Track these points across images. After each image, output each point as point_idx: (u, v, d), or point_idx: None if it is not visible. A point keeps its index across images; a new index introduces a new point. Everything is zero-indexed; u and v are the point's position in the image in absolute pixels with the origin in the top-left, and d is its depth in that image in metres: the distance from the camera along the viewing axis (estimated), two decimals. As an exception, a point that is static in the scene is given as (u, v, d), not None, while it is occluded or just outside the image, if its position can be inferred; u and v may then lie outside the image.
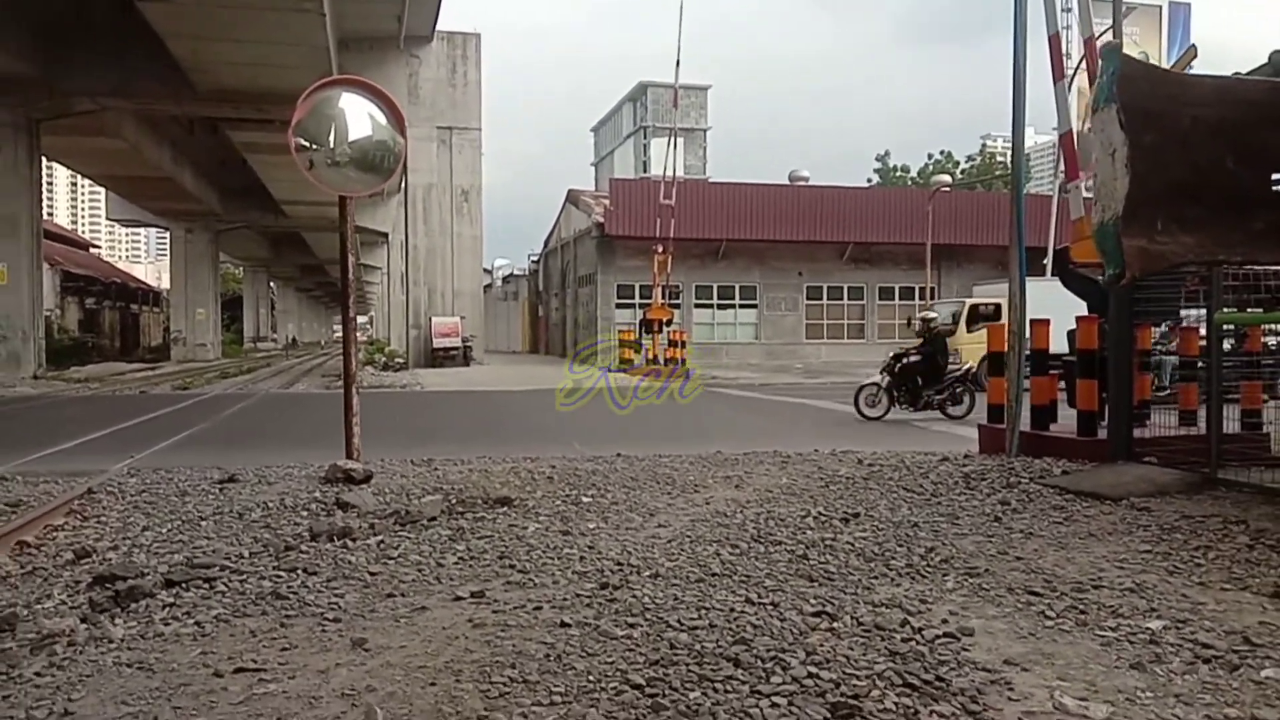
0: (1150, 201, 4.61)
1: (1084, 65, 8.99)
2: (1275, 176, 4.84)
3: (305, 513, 6.43)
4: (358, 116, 7.86)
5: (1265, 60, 7.17)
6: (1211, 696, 3.16)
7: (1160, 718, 3.04)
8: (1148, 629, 3.81)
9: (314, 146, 7.78)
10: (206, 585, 4.57)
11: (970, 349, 22.92)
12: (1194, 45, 15.18)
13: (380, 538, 5.60)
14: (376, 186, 8.61)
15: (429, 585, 4.63)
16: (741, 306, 38.95)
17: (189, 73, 26.35)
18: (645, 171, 63.58)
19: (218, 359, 48.27)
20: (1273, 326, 10.54)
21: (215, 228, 51.36)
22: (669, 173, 30.26)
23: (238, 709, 3.14)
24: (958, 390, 14.91)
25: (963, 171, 70.41)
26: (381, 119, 7.96)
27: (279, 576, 4.74)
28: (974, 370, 15.38)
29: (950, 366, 15.36)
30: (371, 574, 4.80)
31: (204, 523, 6.15)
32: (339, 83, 8.36)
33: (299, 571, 4.82)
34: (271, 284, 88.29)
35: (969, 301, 24.36)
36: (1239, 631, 3.77)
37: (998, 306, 23.24)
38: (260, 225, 54.11)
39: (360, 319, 10.87)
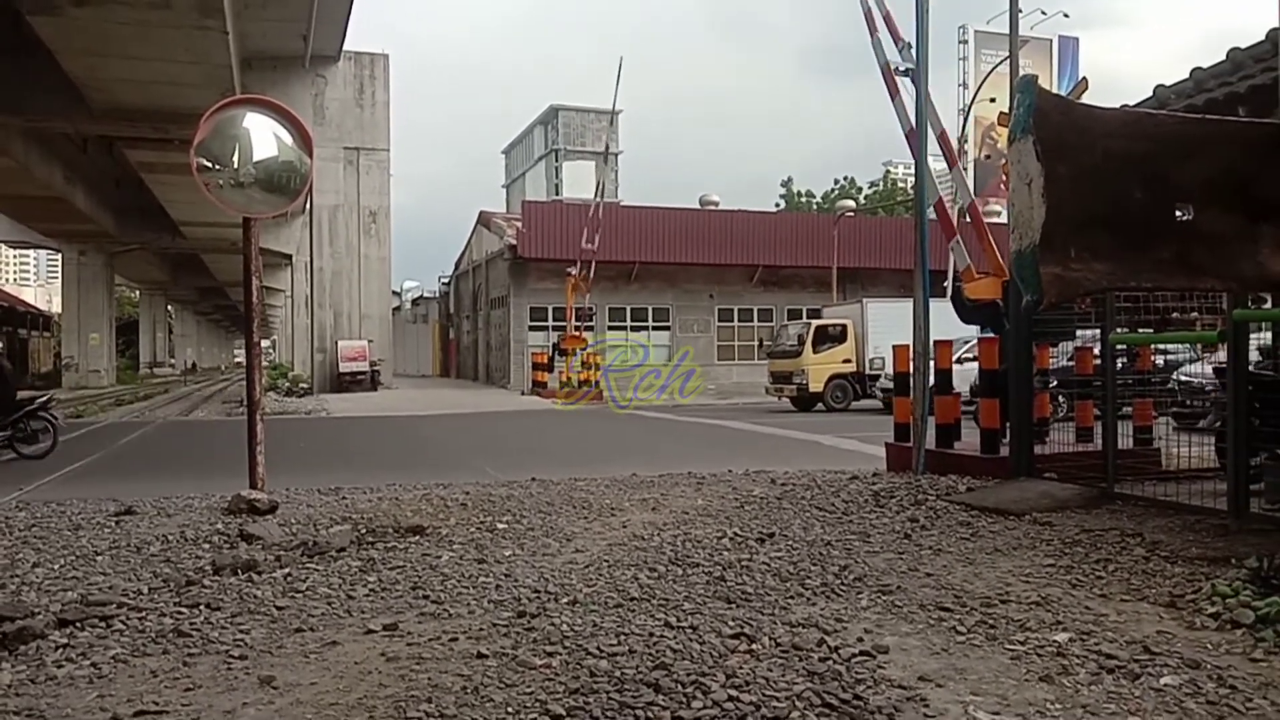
0: (1064, 230, 4.78)
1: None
2: (1179, 206, 5.04)
3: (207, 545, 6.20)
4: (263, 136, 7.69)
5: (1150, 94, 7.57)
6: (1116, 706, 3.27)
7: (1069, 729, 3.12)
8: (1054, 641, 3.92)
9: (217, 167, 7.59)
10: (103, 624, 4.35)
11: (817, 369, 23.32)
12: (1085, 77, 15.92)
13: (287, 570, 5.43)
14: (282, 208, 8.43)
15: (339, 618, 4.50)
16: (654, 328, 39.13)
17: (84, 90, 25.35)
18: (557, 194, 63.56)
19: (112, 385, 46.40)
20: (1162, 346, 11.04)
21: (110, 249, 49.40)
22: (593, 211, 30.13)
23: (137, 755, 3.00)
24: (32, 427, 13.03)
25: (865, 197, 72.06)
26: (288, 139, 7.81)
27: (180, 613, 4.55)
28: (52, 401, 13.21)
29: (37, 396, 13.38)
30: (279, 608, 4.64)
31: (99, 558, 5.88)
32: (243, 102, 8.17)
33: (202, 607, 4.63)
34: (169, 308, 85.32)
35: (815, 323, 24.44)
36: (1139, 641, 3.91)
37: (844, 328, 23.65)
38: (158, 247, 52.15)
39: (263, 343, 10.57)
